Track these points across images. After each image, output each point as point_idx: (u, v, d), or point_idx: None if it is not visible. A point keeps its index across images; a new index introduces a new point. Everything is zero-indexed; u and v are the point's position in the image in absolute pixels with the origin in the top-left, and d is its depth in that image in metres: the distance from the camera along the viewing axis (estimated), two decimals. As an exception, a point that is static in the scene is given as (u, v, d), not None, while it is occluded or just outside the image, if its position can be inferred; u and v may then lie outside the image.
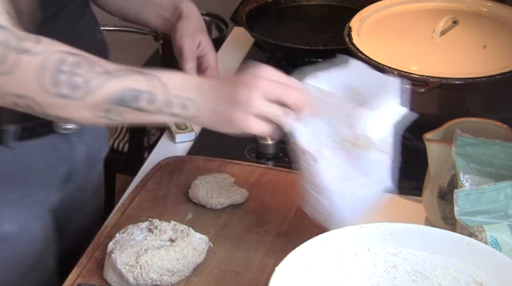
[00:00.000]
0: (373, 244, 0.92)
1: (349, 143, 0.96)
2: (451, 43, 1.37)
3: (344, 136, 0.96)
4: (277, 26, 1.70)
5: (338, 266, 0.91)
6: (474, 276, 0.88)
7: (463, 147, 1.07)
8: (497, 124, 1.16)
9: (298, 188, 1.01)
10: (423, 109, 1.29)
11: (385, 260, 0.92)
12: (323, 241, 0.90)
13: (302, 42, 1.58)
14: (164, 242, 1.03)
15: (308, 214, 1.01)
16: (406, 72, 1.26)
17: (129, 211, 1.17)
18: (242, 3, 1.72)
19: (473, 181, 1.05)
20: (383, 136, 0.95)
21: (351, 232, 0.92)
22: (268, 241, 1.10)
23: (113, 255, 1.01)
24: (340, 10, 1.75)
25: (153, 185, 1.23)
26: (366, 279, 0.90)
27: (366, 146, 0.95)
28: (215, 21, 2.28)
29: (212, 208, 1.17)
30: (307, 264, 0.89)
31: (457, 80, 1.25)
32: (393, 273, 0.91)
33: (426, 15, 1.47)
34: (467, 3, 1.50)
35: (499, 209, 0.96)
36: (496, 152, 1.06)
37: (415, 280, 0.90)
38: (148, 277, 1.00)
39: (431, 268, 0.91)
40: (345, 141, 0.96)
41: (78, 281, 1.03)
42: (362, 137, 0.95)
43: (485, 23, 1.44)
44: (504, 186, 0.97)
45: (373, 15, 1.47)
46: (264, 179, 1.24)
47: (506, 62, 1.29)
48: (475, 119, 1.17)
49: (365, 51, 1.33)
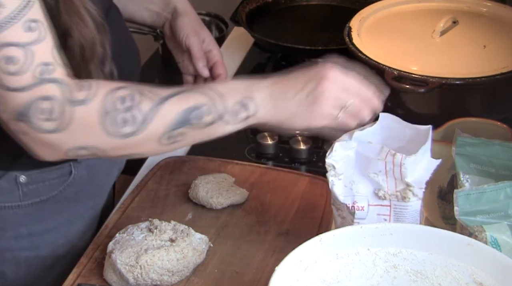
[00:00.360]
0: (373, 244, 0.92)
1: (387, 195, 0.97)
2: (451, 43, 1.37)
3: (382, 188, 0.97)
4: (277, 26, 1.70)
5: (338, 266, 0.91)
6: (474, 276, 0.88)
7: (463, 147, 1.07)
8: (497, 124, 1.16)
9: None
10: (423, 109, 1.30)
11: (385, 260, 0.92)
12: (323, 241, 0.90)
13: (302, 42, 1.58)
14: (164, 242, 1.03)
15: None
16: (406, 72, 1.26)
17: (129, 211, 1.17)
18: (242, 3, 1.72)
19: (473, 181, 1.05)
20: (419, 185, 0.96)
21: (351, 232, 0.92)
22: (268, 241, 1.10)
23: (113, 255, 1.01)
24: (340, 10, 1.75)
25: (153, 185, 1.23)
26: (366, 279, 0.90)
27: (404, 195, 0.96)
28: (215, 21, 2.28)
29: (212, 208, 1.17)
30: (307, 264, 0.89)
31: (457, 80, 1.25)
32: (393, 273, 0.91)
33: (426, 15, 1.47)
34: (467, 3, 1.50)
35: (499, 209, 0.96)
36: (496, 152, 1.06)
37: (415, 280, 0.90)
38: (148, 277, 1.00)
39: (431, 268, 0.91)
40: (382, 193, 0.97)
41: (78, 281, 1.03)
42: (402, 186, 0.96)
43: (485, 23, 1.44)
44: (504, 186, 0.97)
45: (373, 15, 1.47)
46: (264, 179, 1.24)
47: (506, 62, 1.28)
48: (475, 119, 1.17)
49: (365, 51, 1.33)
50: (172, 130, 0.92)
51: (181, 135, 0.93)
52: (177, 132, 0.92)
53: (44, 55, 0.88)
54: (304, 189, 1.21)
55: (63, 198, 1.13)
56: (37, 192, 1.10)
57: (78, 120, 0.89)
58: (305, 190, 1.21)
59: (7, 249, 1.12)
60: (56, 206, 1.13)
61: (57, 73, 0.89)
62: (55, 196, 1.12)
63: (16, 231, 1.11)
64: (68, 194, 1.13)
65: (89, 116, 0.90)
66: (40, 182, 1.10)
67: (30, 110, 0.87)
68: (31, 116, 0.88)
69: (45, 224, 1.13)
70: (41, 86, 0.87)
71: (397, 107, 1.33)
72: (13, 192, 1.08)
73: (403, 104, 1.32)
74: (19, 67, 0.86)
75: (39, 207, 1.11)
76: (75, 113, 0.89)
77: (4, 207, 1.09)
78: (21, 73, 0.86)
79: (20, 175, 1.08)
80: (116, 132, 0.90)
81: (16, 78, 0.86)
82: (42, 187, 1.10)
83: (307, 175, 1.26)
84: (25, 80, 0.87)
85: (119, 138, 0.91)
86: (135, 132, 0.91)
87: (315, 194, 1.20)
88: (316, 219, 1.14)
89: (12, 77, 0.86)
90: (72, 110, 0.89)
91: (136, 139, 0.91)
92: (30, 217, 1.11)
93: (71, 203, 1.15)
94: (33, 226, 1.12)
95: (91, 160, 1.13)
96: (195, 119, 0.93)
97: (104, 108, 0.89)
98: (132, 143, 0.91)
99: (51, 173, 1.10)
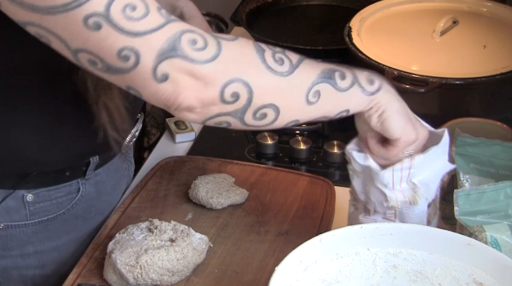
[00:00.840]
0: (373, 244, 0.92)
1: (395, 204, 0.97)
2: (451, 43, 1.37)
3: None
4: (277, 26, 1.70)
5: (338, 266, 0.91)
6: (474, 276, 0.88)
7: (463, 147, 1.07)
8: (497, 124, 1.16)
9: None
10: (423, 109, 1.30)
11: (385, 260, 0.92)
12: (323, 241, 0.90)
13: (302, 42, 1.58)
14: (164, 242, 1.03)
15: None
16: (406, 72, 1.26)
17: (129, 211, 1.17)
18: (242, 3, 1.72)
19: (473, 181, 1.05)
20: (431, 188, 0.97)
21: (351, 232, 0.92)
22: (268, 241, 1.10)
23: (113, 255, 1.01)
24: (340, 10, 1.75)
25: (153, 185, 1.23)
26: (366, 279, 0.90)
27: (413, 200, 0.96)
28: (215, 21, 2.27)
29: (212, 208, 1.17)
30: (307, 264, 0.89)
31: (457, 80, 1.25)
32: (393, 273, 0.91)
33: (426, 15, 1.47)
34: (467, 3, 1.50)
35: (499, 209, 0.96)
36: (496, 152, 1.06)
37: (415, 280, 0.90)
38: (148, 277, 1.00)
39: (431, 268, 0.91)
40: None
41: (78, 281, 1.03)
42: (411, 186, 0.96)
43: (485, 23, 1.44)
44: (504, 186, 0.97)
45: (373, 15, 1.47)
46: (264, 179, 1.24)
47: (506, 62, 1.29)
48: (475, 119, 1.17)
49: (365, 51, 1.34)
50: (319, 83, 0.87)
51: (325, 93, 0.88)
52: (322, 87, 0.88)
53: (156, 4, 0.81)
54: (304, 189, 1.22)
55: (71, 216, 1.12)
56: (44, 210, 1.09)
57: (231, 51, 0.83)
58: (305, 190, 1.21)
59: (14, 267, 1.11)
60: (64, 224, 1.12)
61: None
62: (62, 214, 1.11)
63: (23, 250, 1.10)
64: (76, 211, 1.12)
65: (244, 48, 0.84)
66: (47, 200, 1.09)
67: (177, 43, 0.79)
68: (181, 48, 0.79)
69: (53, 243, 1.12)
70: (174, 23, 0.80)
71: (397, 107, 1.33)
72: (20, 210, 1.07)
73: (403, 104, 1.33)
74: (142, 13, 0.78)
75: (47, 225, 1.10)
76: (223, 45, 0.82)
77: (11, 226, 1.08)
78: (147, 16, 0.78)
79: (27, 193, 1.07)
80: (275, 68, 0.84)
81: (146, 21, 0.78)
82: (49, 205, 1.09)
83: (307, 175, 1.26)
84: (157, 20, 0.79)
85: (277, 76, 0.85)
86: (291, 73, 0.85)
87: (315, 194, 1.20)
88: (316, 219, 1.14)
89: (141, 21, 0.78)
90: (219, 43, 0.82)
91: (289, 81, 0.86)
92: (37, 235, 1.10)
93: (79, 221, 1.14)
94: (40, 244, 1.11)
95: (99, 175, 1.14)
96: (338, 77, 0.89)
97: (258, 46, 0.85)
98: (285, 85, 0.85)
99: (59, 191, 1.09)
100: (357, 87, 0.90)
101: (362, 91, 0.90)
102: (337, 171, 1.31)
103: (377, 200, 0.97)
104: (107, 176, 1.16)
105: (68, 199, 1.11)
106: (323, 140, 1.36)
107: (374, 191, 0.97)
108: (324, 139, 1.37)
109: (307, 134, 1.39)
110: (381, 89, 0.92)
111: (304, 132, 1.40)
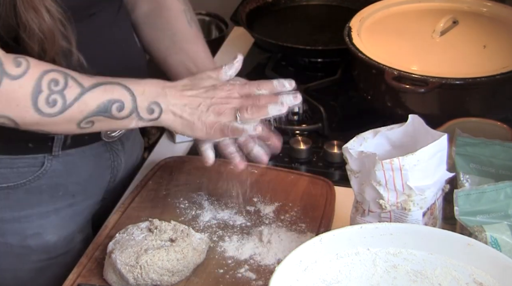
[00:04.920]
0: (373, 244, 0.92)
1: (387, 205, 0.97)
2: (451, 43, 1.37)
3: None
4: (277, 26, 1.70)
5: (338, 266, 0.91)
6: (474, 276, 0.88)
7: (463, 147, 1.07)
8: (497, 124, 1.16)
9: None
10: (423, 109, 1.30)
11: (385, 260, 0.92)
12: (323, 241, 0.90)
13: (302, 42, 1.58)
14: (164, 242, 1.03)
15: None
16: (406, 72, 1.26)
17: (129, 211, 1.17)
18: (242, 3, 1.72)
19: (473, 181, 1.05)
20: (427, 196, 0.96)
21: (351, 232, 0.92)
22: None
23: (113, 255, 1.01)
24: (340, 10, 1.75)
25: (153, 185, 1.23)
26: (366, 279, 0.90)
27: (405, 206, 0.96)
28: (215, 21, 2.28)
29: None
30: (307, 264, 0.89)
31: (457, 80, 1.25)
32: (393, 273, 0.91)
33: (426, 15, 1.47)
34: (467, 3, 1.50)
35: (499, 209, 0.96)
36: (496, 152, 1.06)
37: (415, 280, 0.90)
38: (148, 277, 1.00)
39: (431, 268, 0.91)
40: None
41: (78, 281, 1.03)
42: (403, 197, 0.95)
43: (485, 23, 1.44)
44: (504, 186, 0.97)
45: (373, 15, 1.47)
46: (264, 179, 1.24)
47: (506, 62, 1.29)
48: (475, 119, 1.17)
49: (365, 51, 1.33)
50: (93, 116, 0.99)
51: (99, 121, 1.00)
52: (96, 118, 0.99)
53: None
54: (304, 189, 1.21)
55: (35, 189, 1.14)
56: (4, 177, 1.12)
57: (6, 92, 0.94)
58: (305, 190, 1.21)
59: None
60: (26, 196, 1.14)
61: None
62: (24, 184, 1.13)
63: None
64: (40, 185, 1.15)
65: (21, 90, 0.95)
66: (8, 168, 1.12)
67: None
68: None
69: (15, 213, 1.15)
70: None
71: (397, 107, 1.33)
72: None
73: (403, 104, 1.32)
74: None
75: (8, 193, 1.13)
76: (4, 85, 0.94)
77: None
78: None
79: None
80: (45, 110, 0.96)
81: None
82: (9, 172, 1.12)
83: (307, 175, 1.26)
84: None
85: (45, 117, 0.97)
86: (62, 112, 0.97)
87: (315, 194, 1.20)
88: (316, 219, 1.14)
89: None
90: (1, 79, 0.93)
91: (59, 119, 0.97)
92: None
93: (44, 196, 1.16)
94: (1, 212, 1.14)
95: (70, 156, 1.15)
96: (115, 109, 1.00)
97: (38, 86, 0.95)
98: (54, 121, 0.98)
99: (23, 161, 1.12)
100: (135, 116, 1.01)
101: (139, 120, 1.02)
102: (337, 171, 1.31)
103: (371, 198, 0.97)
104: (81, 159, 1.17)
105: (31, 171, 1.13)
106: (323, 140, 1.36)
107: (369, 189, 0.96)
108: (324, 139, 1.37)
109: (307, 134, 1.39)
110: (162, 115, 1.02)
111: (304, 132, 1.40)
